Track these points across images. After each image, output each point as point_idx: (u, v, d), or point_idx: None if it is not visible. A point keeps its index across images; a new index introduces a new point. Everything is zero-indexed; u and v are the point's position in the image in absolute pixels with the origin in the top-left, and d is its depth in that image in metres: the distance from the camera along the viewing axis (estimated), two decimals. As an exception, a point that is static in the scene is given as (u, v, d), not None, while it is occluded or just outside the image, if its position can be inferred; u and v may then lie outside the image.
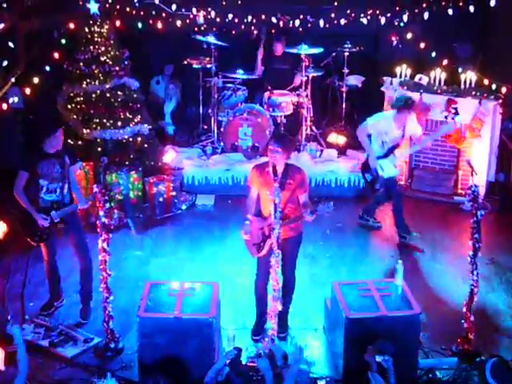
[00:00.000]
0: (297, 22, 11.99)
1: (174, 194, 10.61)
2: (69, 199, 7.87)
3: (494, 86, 10.62)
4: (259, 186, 7.32)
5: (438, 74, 11.02)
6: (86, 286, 7.98)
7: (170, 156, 11.16)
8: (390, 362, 6.00)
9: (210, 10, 12.08)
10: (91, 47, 10.58)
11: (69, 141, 10.54)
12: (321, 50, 12.11)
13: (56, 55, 10.67)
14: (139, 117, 10.85)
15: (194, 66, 12.45)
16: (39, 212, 7.68)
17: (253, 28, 12.74)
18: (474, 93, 10.69)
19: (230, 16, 12.08)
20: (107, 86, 10.66)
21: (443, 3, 11.32)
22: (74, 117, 10.61)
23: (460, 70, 11.07)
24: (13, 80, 10.02)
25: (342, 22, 12.02)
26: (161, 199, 10.48)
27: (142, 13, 12.02)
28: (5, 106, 9.47)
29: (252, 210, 7.43)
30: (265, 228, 7.27)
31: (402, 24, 12.00)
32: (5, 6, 9.99)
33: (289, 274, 7.47)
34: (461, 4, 11.09)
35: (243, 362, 6.58)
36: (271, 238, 6.90)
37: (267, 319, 7.17)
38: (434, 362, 7.22)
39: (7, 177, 8.01)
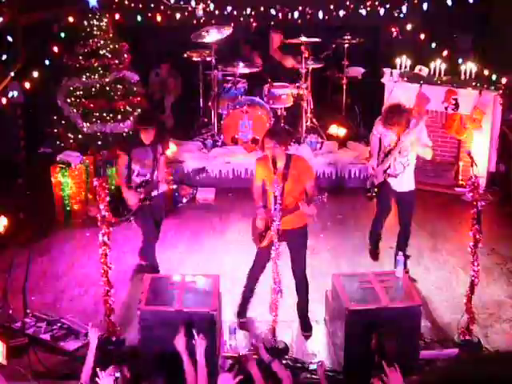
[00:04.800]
0: (296, 14, 11.98)
1: (174, 187, 10.60)
2: (155, 186, 8.41)
3: (494, 77, 10.61)
4: (264, 178, 7.36)
5: (438, 65, 11.00)
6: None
7: (170, 149, 11.13)
8: None
9: (208, 2, 12.07)
10: (90, 41, 10.57)
11: (68, 134, 10.59)
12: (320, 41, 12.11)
13: (55, 49, 10.66)
14: (139, 110, 10.84)
15: (194, 58, 12.44)
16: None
17: (252, 20, 12.73)
18: (474, 83, 10.68)
19: (229, 8, 12.07)
20: (107, 80, 10.66)
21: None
22: (74, 110, 10.61)
23: (460, 60, 11.05)
24: (12, 74, 10.01)
25: (341, 13, 12.00)
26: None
27: (140, 6, 12.01)
28: (4, 101, 9.46)
29: (261, 200, 7.47)
30: (267, 219, 7.30)
31: (401, 15, 11.98)
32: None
33: (298, 273, 7.53)
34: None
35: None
36: (272, 229, 6.94)
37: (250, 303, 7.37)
38: (435, 353, 7.23)
39: (7, 170, 8.08)
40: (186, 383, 5.70)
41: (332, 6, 11.98)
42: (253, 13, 12.34)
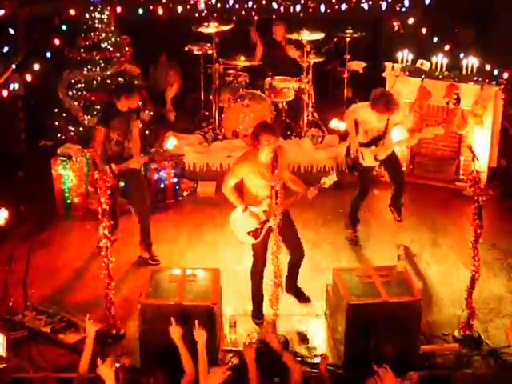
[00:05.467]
0: (298, 8, 11.96)
1: (175, 180, 10.60)
2: (130, 154, 8.54)
3: (495, 72, 10.58)
4: (247, 176, 7.33)
5: (440, 60, 10.98)
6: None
7: (171, 142, 11.13)
8: None
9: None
10: (92, 33, 10.57)
11: (69, 127, 10.58)
12: (322, 35, 12.08)
13: (57, 41, 10.63)
14: (140, 103, 10.82)
15: (195, 52, 12.42)
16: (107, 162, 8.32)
17: (254, 13, 12.70)
18: (475, 78, 10.66)
19: (231, 1, 12.05)
20: (108, 73, 10.65)
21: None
22: (75, 103, 10.60)
23: (462, 55, 11.02)
24: (13, 66, 10.00)
25: (343, 7, 11.98)
26: (162, 186, 10.49)
27: (142, -1, 11.99)
28: (5, 93, 9.45)
29: (240, 199, 7.45)
30: (259, 214, 7.32)
31: (403, 9, 11.95)
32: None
33: (300, 248, 7.60)
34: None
35: None
36: (268, 222, 7.04)
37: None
38: (435, 347, 7.23)
39: (7, 162, 8.08)
40: (184, 373, 5.71)
41: (334, 0, 11.96)
42: (254, 6, 12.31)
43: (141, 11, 11.83)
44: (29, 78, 9.61)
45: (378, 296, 6.90)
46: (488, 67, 10.68)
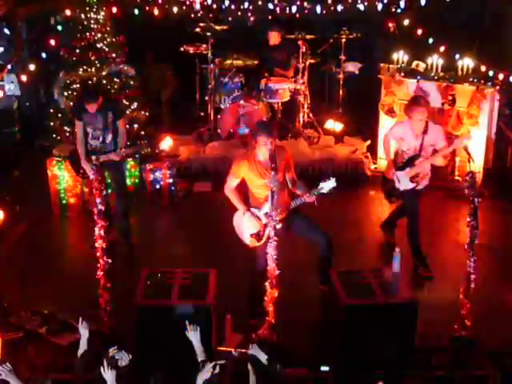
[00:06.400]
0: (294, 9, 11.98)
1: (170, 181, 10.60)
2: (112, 148, 8.74)
3: (491, 73, 10.60)
4: (247, 176, 7.34)
5: (435, 61, 10.99)
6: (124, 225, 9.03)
7: (166, 143, 11.13)
8: None
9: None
10: (88, 34, 10.56)
11: (65, 128, 10.57)
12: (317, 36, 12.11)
13: (52, 42, 10.64)
14: (136, 104, 10.84)
15: (191, 52, 12.42)
16: (87, 154, 8.70)
17: (250, 14, 12.71)
18: (471, 79, 10.67)
19: (227, 2, 12.06)
20: (104, 73, 10.65)
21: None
22: (71, 104, 10.59)
23: (457, 56, 11.04)
24: (9, 67, 9.99)
25: (339, 8, 12.00)
26: (158, 186, 10.49)
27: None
28: (1, 94, 9.45)
29: (241, 201, 7.46)
30: (261, 217, 7.33)
31: (399, 10, 11.97)
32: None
33: (321, 232, 7.57)
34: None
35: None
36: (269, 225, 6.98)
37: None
38: (431, 348, 7.24)
39: (3, 162, 8.08)
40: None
41: (330, 1, 11.98)
42: (250, 7, 12.33)
43: (136, 11, 11.84)
44: (24, 78, 9.63)
45: (375, 297, 6.90)
46: (483, 68, 10.70)
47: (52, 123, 10.76)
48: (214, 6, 12.15)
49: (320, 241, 7.55)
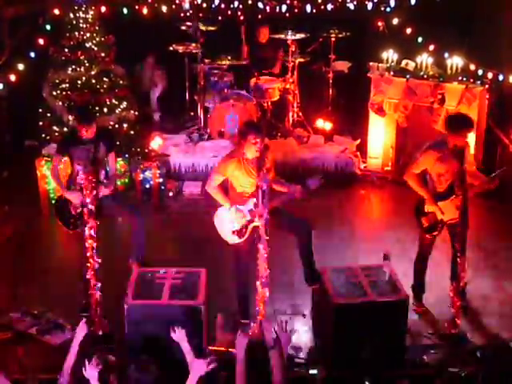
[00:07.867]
0: (283, 7, 11.98)
1: (160, 180, 10.58)
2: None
3: (480, 72, 10.63)
4: (233, 174, 7.33)
5: (425, 60, 11.01)
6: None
7: (156, 143, 11.12)
8: None
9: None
10: (76, 33, 10.54)
11: (54, 127, 10.53)
12: (307, 35, 12.12)
13: (41, 41, 10.60)
14: (125, 103, 10.82)
15: (180, 51, 12.40)
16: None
17: (239, 13, 12.71)
18: (460, 78, 10.69)
19: (217, 1, 12.05)
20: (93, 73, 10.63)
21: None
22: (60, 103, 10.56)
23: (446, 55, 11.06)
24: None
25: (329, 7, 12.01)
26: (147, 186, 10.47)
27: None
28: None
29: (226, 197, 7.46)
30: (246, 214, 7.33)
31: (388, 9, 11.98)
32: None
33: (299, 220, 7.57)
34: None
35: None
36: (253, 222, 7.11)
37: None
38: (421, 346, 7.25)
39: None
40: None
41: (320, 0, 11.99)
42: (240, 6, 12.32)
43: (125, 11, 11.81)
44: (13, 78, 9.59)
45: (365, 295, 6.91)
46: (473, 67, 10.72)
47: (41, 123, 10.71)
48: (204, 5, 12.13)
49: (298, 227, 7.53)
